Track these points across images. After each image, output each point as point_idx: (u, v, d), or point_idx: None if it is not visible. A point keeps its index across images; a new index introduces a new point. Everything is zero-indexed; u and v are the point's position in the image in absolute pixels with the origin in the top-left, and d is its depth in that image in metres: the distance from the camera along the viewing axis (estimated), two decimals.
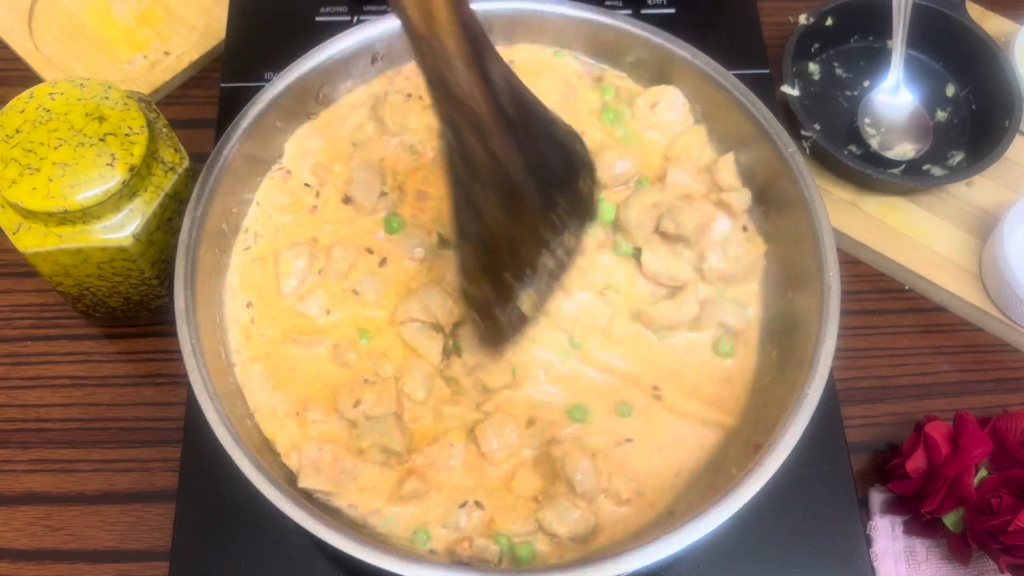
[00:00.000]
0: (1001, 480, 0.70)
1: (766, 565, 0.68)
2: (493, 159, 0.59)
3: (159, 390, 0.80)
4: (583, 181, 0.68)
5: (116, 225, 0.69)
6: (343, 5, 0.93)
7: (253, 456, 0.60)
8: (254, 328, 0.70)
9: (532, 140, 0.62)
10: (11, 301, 0.84)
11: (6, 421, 0.79)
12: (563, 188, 0.66)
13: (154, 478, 0.76)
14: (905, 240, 0.88)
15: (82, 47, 0.97)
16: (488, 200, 0.61)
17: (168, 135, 0.73)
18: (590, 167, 0.69)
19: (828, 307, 0.66)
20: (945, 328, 0.87)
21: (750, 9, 0.93)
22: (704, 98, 0.78)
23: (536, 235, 0.64)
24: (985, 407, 0.82)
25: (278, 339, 0.70)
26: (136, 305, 0.78)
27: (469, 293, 0.66)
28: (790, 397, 0.64)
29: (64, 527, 0.75)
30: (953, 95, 0.96)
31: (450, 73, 0.56)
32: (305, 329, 0.71)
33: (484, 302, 0.65)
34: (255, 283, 0.72)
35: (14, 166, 0.67)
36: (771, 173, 0.74)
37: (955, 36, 0.94)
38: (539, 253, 0.65)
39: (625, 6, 0.92)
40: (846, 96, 0.96)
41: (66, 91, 0.70)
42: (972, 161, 0.90)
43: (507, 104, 0.59)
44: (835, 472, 0.71)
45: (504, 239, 0.63)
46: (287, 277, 0.71)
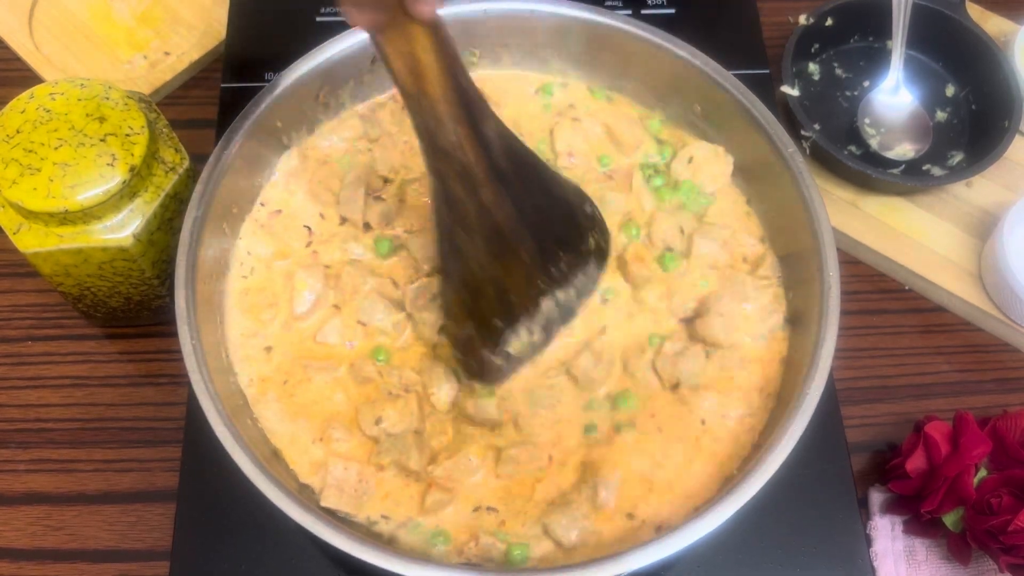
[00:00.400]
0: (1001, 480, 0.70)
1: (766, 565, 0.68)
2: (480, 208, 0.61)
3: (159, 390, 0.80)
4: (592, 239, 0.69)
5: (116, 225, 0.69)
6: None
7: (253, 456, 0.60)
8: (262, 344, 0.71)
9: (528, 194, 0.63)
10: (11, 301, 0.84)
11: (7, 421, 0.79)
12: (566, 243, 0.67)
13: (154, 478, 0.76)
14: (905, 240, 0.88)
15: (82, 47, 0.97)
16: (474, 246, 0.62)
17: (168, 135, 0.73)
18: (600, 226, 0.70)
19: (828, 307, 0.66)
20: (945, 328, 0.87)
21: (750, 9, 0.93)
22: (704, 98, 0.78)
23: (531, 285, 0.65)
24: (985, 407, 0.82)
25: (289, 358, 0.70)
26: (136, 305, 0.78)
27: (451, 331, 0.68)
28: (790, 397, 0.64)
29: (64, 527, 0.75)
30: (953, 95, 0.96)
31: (438, 128, 0.58)
32: (319, 355, 0.71)
33: (468, 342, 0.66)
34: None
35: (14, 166, 0.67)
36: (771, 173, 0.74)
37: (955, 36, 0.94)
38: (535, 302, 0.65)
39: (625, 6, 0.92)
40: (846, 96, 0.96)
41: (66, 91, 0.70)
42: (972, 161, 0.90)
43: (499, 158, 0.61)
44: (835, 472, 0.71)
45: (491, 285, 0.64)
46: (299, 296, 0.72)
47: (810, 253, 0.69)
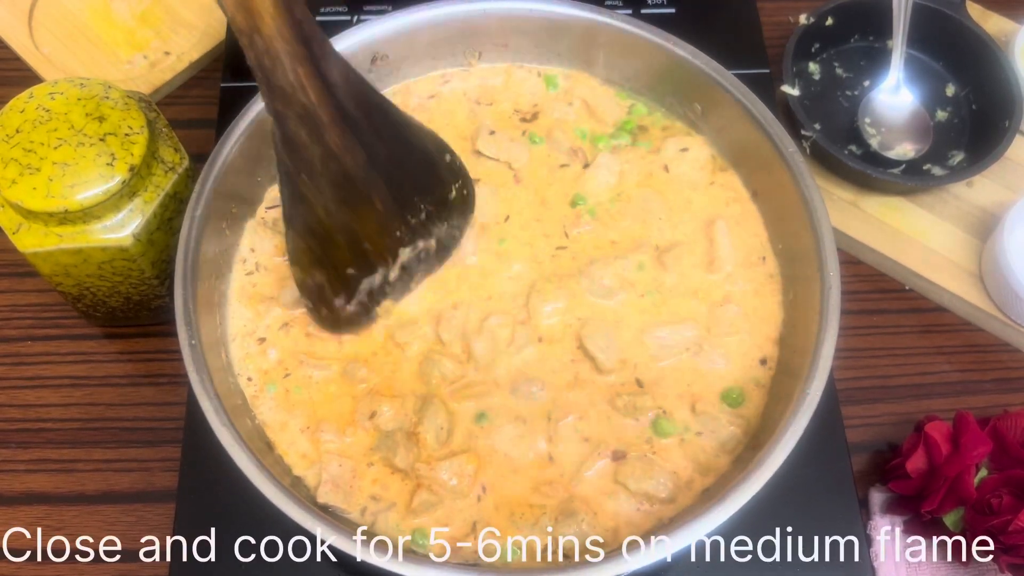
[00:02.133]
0: (1001, 480, 0.70)
1: (766, 565, 0.67)
2: (327, 152, 0.59)
3: (159, 390, 0.80)
4: (455, 189, 0.68)
5: (116, 225, 0.69)
6: (343, 5, 0.93)
7: (253, 455, 0.60)
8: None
9: (381, 140, 0.61)
10: (11, 301, 0.84)
11: (6, 421, 0.79)
12: (426, 192, 0.65)
13: (154, 478, 0.76)
14: (905, 240, 0.88)
15: (82, 47, 0.97)
16: (321, 192, 0.60)
17: (168, 135, 0.73)
18: (463, 176, 0.69)
19: (828, 307, 0.66)
20: (945, 328, 0.87)
21: (750, 9, 0.93)
22: (704, 98, 0.78)
23: (387, 234, 0.64)
24: (985, 407, 0.82)
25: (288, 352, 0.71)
26: (136, 305, 0.78)
27: (298, 279, 0.66)
28: (790, 397, 0.64)
29: (64, 527, 0.75)
30: (953, 95, 0.96)
31: (275, 66, 0.55)
32: (317, 351, 0.71)
33: (318, 290, 0.64)
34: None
35: (14, 166, 0.67)
36: (771, 173, 0.74)
37: (955, 36, 0.94)
38: (394, 252, 0.64)
39: (625, 6, 0.92)
40: (846, 96, 0.96)
41: (66, 91, 0.70)
42: (972, 161, 0.90)
43: (346, 101, 0.58)
44: (835, 472, 0.71)
45: (341, 233, 0.62)
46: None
47: (810, 253, 0.69)
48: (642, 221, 0.76)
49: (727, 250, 0.75)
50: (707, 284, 0.74)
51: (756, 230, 0.76)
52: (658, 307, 0.73)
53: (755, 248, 0.75)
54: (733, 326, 0.72)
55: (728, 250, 0.75)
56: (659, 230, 0.76)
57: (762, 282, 0.74)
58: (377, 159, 0.61)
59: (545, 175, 0.78)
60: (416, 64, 0.81)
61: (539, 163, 0.79)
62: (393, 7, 0.80)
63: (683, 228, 0.76)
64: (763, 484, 0.60)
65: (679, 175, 0.78)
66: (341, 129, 0.58)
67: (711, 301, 0.73)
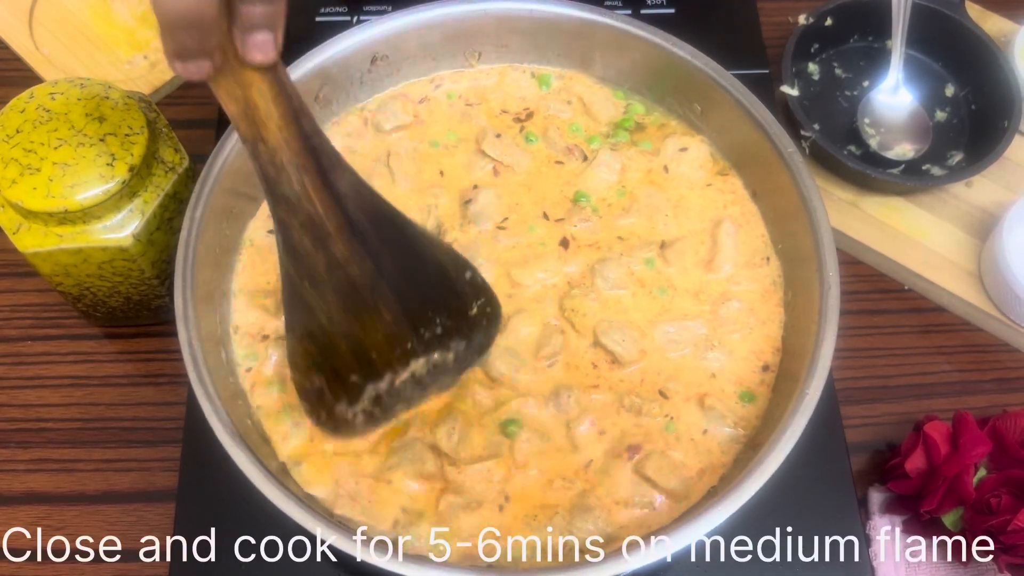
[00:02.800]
0: (1000, 480, 0.70)
1: (765, 565, 0.68)
2: (332, 261, 0.58)
3: (159, 390, 0.80)
4: (477, 306, 0.66)
5: (116, 225, 0.69)
6: (343, 5, 0.93)
7: (253, 455, 0.60)
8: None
9: (391, 253, 0.60)
10: (11, 301, 0.84)
11: (6, 421, 0.79)
12: (442, 306, 0.63)
13: (154, 478, 0.76)
14: (905, 240, 0.88)
15: (82, 47, 0.97)
16: (324, 300, 0.59)
17: (168, 135, 0.73)
18: (486, 293, 0.66)
19: (828, 307, 0.66)
20: (945, 328, 0.87)
21: (750, 9, 0.93)
22: (704, 98, 0.78)
23: (397, 345, 0.61)
24: (985, 407, 0.82)
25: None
26: (136, 305, 0.78)
27: (299, 383, 0.63)
28: (790, 397, 0.64)
29: (64, 527, 0.75)
30: (953, 95, 0.96)
31: (279, 176, 0.55)
32: None
33: (317, 394, 0.62)
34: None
35: (14, 166, 0.67)
36: (771, 173, 0.74)
37: (955, 36, 0.94)
38: (404, 361, 0.62)
39: (625, 6, 0.92)
40: (846, 96, 0.96)
41: (66, 91, 0.70)
42: (972, 161, 0.90)
43: (355, 213, 0.57)
44: (835, 472, 0.71)
45: (344, 340, 0.60)
46: None
47: (810, 253, 0.69)
48: (648, 217, 0.76)
49: (730, 251, 0.74)
50: (709, 282, 0.74)
51: (759, 231, 0.76)
52: (666, 304, 0.73)
53: (758, 249, 0.75)
54: (737, 324, 0.72)
55: (731, 251, 0.75)
56: (665, 226, 0.76)
57: (764, 282, 0.74)
58: (386, 270, 0.59)
59: (544, 173, 0.78)
60: (416, 65, 0.81)
61: (539, 161, 0.79)
62: (393, 7, 0.80)
63: (688, 226, 0.76)
64: (763, 484, 0.60)
65: (679, 175, 0.78)
66: (348, 239, 0.57)
67: (713, 300, 0.73)
